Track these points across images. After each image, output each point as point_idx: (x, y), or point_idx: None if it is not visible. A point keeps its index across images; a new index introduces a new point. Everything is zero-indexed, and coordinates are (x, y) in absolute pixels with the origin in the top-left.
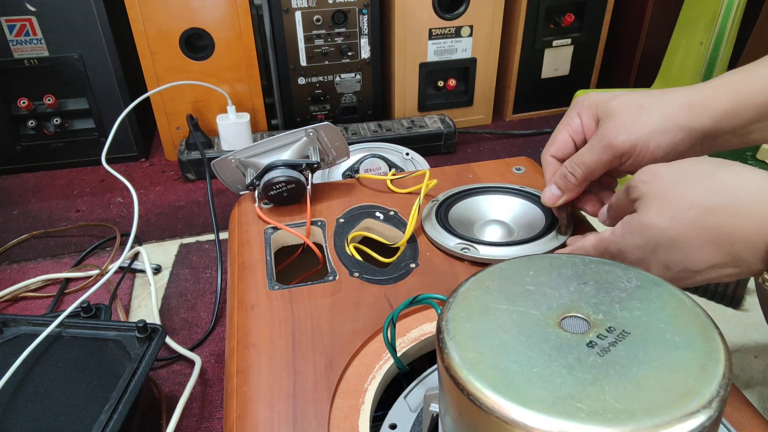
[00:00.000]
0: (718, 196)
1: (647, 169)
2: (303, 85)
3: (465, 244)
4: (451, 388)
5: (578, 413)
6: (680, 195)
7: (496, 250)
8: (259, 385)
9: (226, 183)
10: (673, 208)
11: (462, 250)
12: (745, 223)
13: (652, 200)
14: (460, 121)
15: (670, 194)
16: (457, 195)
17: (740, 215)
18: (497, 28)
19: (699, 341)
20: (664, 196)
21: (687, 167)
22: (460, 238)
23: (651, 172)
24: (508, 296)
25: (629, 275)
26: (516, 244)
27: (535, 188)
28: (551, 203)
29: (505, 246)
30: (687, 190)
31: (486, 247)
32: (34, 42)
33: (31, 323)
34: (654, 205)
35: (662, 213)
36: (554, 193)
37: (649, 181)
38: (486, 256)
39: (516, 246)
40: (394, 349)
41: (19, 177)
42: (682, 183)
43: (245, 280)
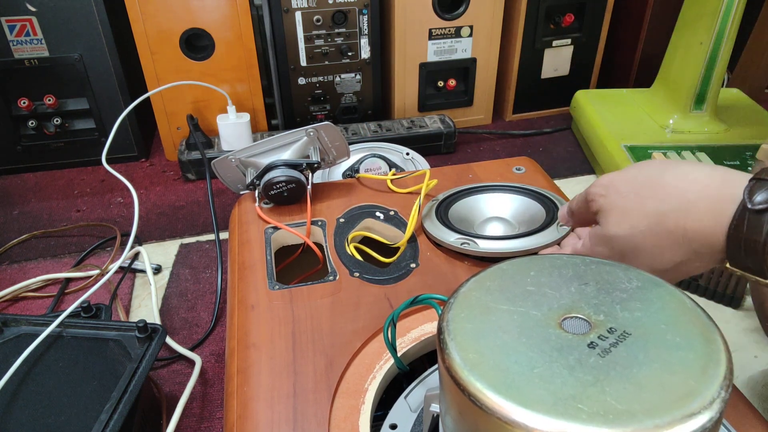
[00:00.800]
0: (669, 201)
1: (602, 181)
2: (303, 85)
3: (465, 239)
4: (451, 389)
5: (579, 414)
6: (634, 205)
7: (496, 244)
8: (260, 385)
9: (227, 183)
10: (630, 218)
11: (462, 245)
12: (696, 223)
13: (610, 212)
14: (460, 121)
15: (626, 205)
16: (457, 194)
17: (690, 216)
18: (497, 28)
19: (700, 342)
20: (621, 207)
21: (637, 173)
22: (459, 233)
23: (605, 184)
24: (508, 297)
25: (630, 276)
26: (515, 238)
27: (535, 186)
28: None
29: (505, 240)
30: (640, 199)
31: (486, 241)
32: (35, 42)
33: (32, 323)
34: (612, 217)
35: (621, 224)
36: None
37: (605, 193)
38: (486, 250)
39: (515, 240)
40: (394, 349)
41: (20, 177)
42: (635, 192)
43: (245, 280)
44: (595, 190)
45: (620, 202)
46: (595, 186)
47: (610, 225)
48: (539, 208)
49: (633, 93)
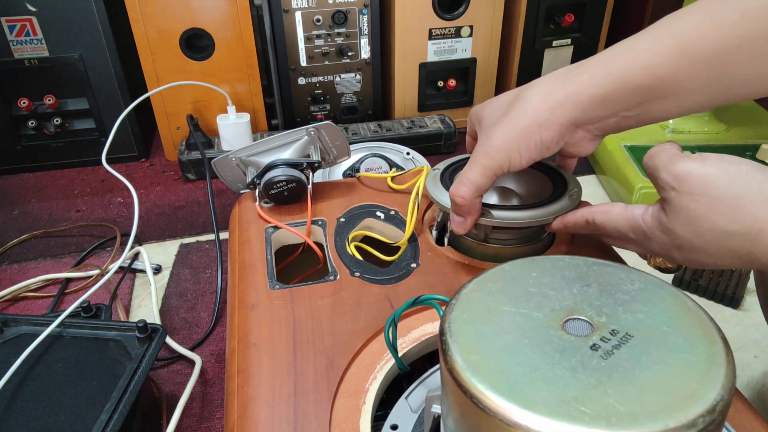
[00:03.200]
0: (740, 223)
1: (677, 171)
2: (303, 85)
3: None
4: (453, 390)
5: (582, 416)
6: (704, 214)
7: (511, 213)
8: (260, 385)
9: (227, 182)
10: (697, 226)
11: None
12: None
13: (679, 211)
14: (460, 121)
15: (696, 211)
16: (459, 162)
17: (759, 243)
18: (497, 28)
19: (702, 344)
20: (691, 211)
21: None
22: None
23: (680, 177)
24: (510, 298)
25: (632, 277)
26: (530, 208)
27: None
28: (463, 231)
29: (520, 210)
30: (711, 212)
31: (500, 211)
32: (35, 42)
33: (32, 323)
34: (680, 216)
35: (687, 226)
36: (458, 221)
37: (677, 188)
38: (502, 219)
39: (530, 210)
40: (395, 349)
41: (20, 177)
42: (707, 203)
43: (246, 280)
44: (667, 179)
45: (691, 204)
46: (668, 172)
47: (677, 223)
48: (545, 179)
49: None
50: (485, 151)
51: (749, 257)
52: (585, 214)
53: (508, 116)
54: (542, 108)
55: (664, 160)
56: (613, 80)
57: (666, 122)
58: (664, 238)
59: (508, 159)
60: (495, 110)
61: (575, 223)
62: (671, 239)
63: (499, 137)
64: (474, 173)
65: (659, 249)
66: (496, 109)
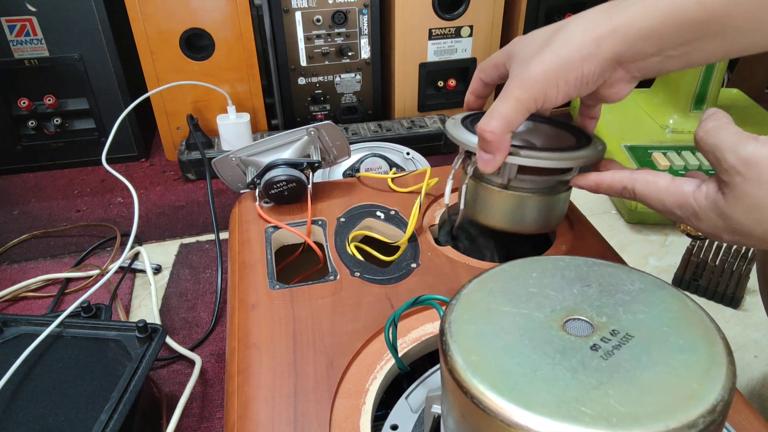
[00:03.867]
0: None
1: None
2: (303, 85)
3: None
4: (453, 391)
5: (582, 417)
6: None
7: (540, 154)
8: (260, 385)
9: (227, 182)
10: (760, 215)
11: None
12: None
13: (742, 198)
14: None
15: (762, 198)
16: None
17: None
18: (497, 28)
19: (702, 345)
20: (756, 197)
21: None
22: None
23: (746, 160)
24: (511, 298)
25: (632, 278)
26: (559, 151)
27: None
28: (492, 169)
29: (549, 151)
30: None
31: (528, 150)
32: (35, 42)
33: (32, 323)
34: (743, 203)
35: (749, 214)
36: (486, 158)
37: (744, 173)
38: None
39: (560, 152)
40: (395, 349)
41: (20, 177)
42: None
43: (246, 280)
44: (733, 162)
45: (756, 191)
46: (733, 154)
47: (737, 209)
48: (567, 135)
49: (633, 93)
50: (521, 82)
51: None
52: (624, 180)
53: (549, 47)
54: (587, 39)
55: (729, 140)
56: (663, 14)
57: (666, 122)
58: (719, 222)
59: (544, 92)
60: (531, 43)
61: (610, 185)
62: (726, 223)
63: (538, 67)
64: (506, 106)
65: (707, 228)
66: (532, 43)
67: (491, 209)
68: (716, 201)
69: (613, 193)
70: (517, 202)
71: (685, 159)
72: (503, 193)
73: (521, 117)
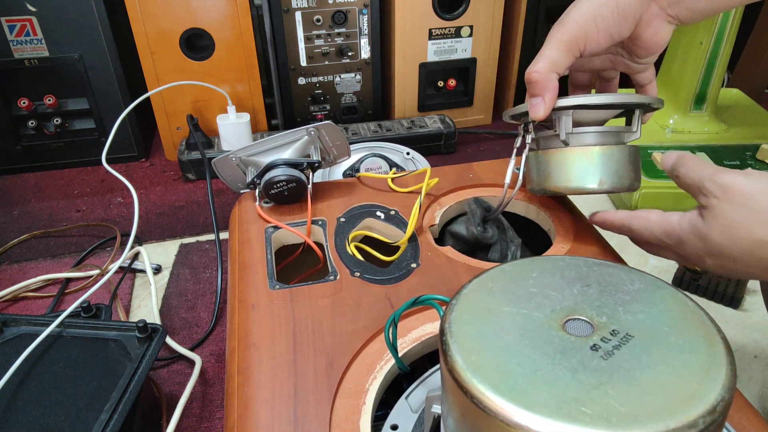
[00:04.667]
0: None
1: (721, 181)
2: (303, 85)
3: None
4: (453, 391)
5: (582, 417)
6: (743, 223)
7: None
8: (260, 385)
9: (227, 182)
10: (734, 234)
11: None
12: None
13: (718, 218)
14: (460, 121)
15: (735, 219)
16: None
17: None
18: (497, 28)
19: (703, 345)
20: (730, 219)
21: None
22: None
23: (723, 186)
24: (511, 298)
25: (632, 278)
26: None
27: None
28: (543, 114)
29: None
30: (751, 221)
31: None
32: (35, 42)
33: (32, 323)
34: (718, 224)
35: (724, 234)
36: (535, 102)
37: (720, 197)
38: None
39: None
40: (395, 349)
41: (20, 177)
42: (749, 212)
43: (246, 280)
44: (712, 188)
45: (731, 213)
46: (711, 181)
47: (714, 230)
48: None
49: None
50: (561, 26)
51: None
52: (623, 219)
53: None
54: None
55: (708, 171)
56: None
57: (666, 122)
58: (699, 244)
59: (584, 31)
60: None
61: (612, 223)
62: (705, 245)
63: (575, 11)
64: (549, 48)
65: (692, 254)
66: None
67: (555, 172)
68: (696, 224)
69: (616, 230)
70: (579, 157)
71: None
72: (564, 154)
73: (565, 58)
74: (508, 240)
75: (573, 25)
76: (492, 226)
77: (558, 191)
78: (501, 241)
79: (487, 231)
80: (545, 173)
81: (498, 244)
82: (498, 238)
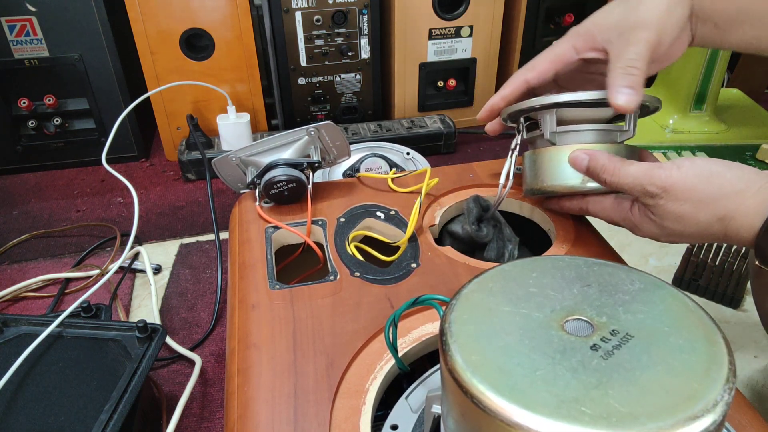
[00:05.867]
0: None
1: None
2: (303, 85)
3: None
4: (453, 391)
5: (582, 417)
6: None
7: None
8: (260, 385)
9: (227, 182)
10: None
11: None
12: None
13: (668, 213)
14: (460, 121)
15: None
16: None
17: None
18: (497, 28)
19: (702, 345)
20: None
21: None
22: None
23: (663, 187)
24: (511, 298)
25: (632, 278)
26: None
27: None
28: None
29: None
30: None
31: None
32: (35, 42)
33: (32, 323)
34: (670, 216)
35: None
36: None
37: (663, 197)
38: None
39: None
40: (395, 349)
41: (20, 177)
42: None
43: (246, 280)
44: (652, 190)
45: (677, 208)
46: (651, 185)
47: (665, 221)
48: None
49: None
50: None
51: (723, 237)
52: (580, 203)
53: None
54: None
55: (641, 173)
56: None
57: (666, 122)
58: (653, 228)
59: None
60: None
61: (570, 208)
62: (659, 229)
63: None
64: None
65: (646, 234)
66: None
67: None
68: (648, 215)
69: (576, 212)
70: (561, 155)
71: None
72: (550, 150)
73: (649, 59)
74: (505, 239)
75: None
76: (488, 225)
77: (546, 191)
78: (497, 239)
79: (482, 230)
80: (534, 173)
81: (494, 243)
82: (493, 237)
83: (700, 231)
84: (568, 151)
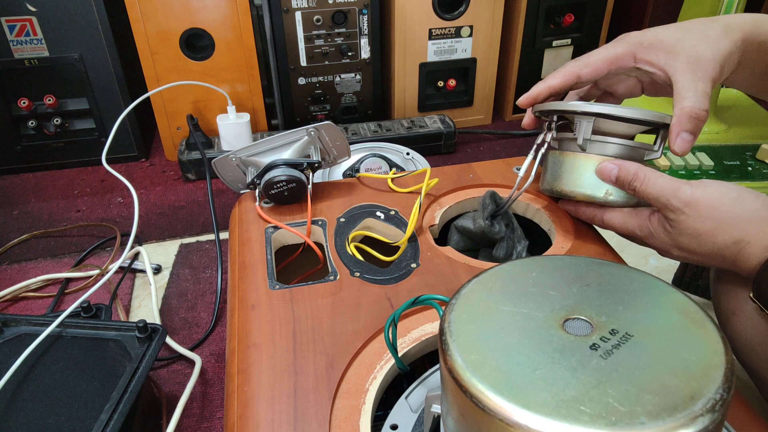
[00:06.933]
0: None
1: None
2: (303, 85)
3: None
4: (453, 390)
5: (581, 416)
6: (708, 232)
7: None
8: (260, 384)
9: (227, 182)
10: (700, 241)
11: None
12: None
13: (686, 229)
14: (460, 121)
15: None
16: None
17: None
18: (497, 28)
19: (701, 344)
20: (696, 230)
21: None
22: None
23: (687, 201)
24: (510, 298)
25: (632, 277)
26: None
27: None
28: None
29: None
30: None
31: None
32: (35, 42)
33: (32, 323)
34: (687, 233)
35: (691, 238)
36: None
37: (685, 212)
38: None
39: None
40: (395, 349)
41: (20, 177)
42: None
43: (246, 280)
44: (675, 204)
45: (697, 225)
46: (675, 198)
47: (682, 236)
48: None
49: None
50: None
51: (732, 262)
52: (597, 212)
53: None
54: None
55: (669, 186)
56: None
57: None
58: (668, 240)
59: (722, 72)
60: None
61: (585, 213)
62: (674, 242)
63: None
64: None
65: (660, 246)
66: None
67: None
68: (665, 227)
69: (588, 220)
70: (590, 164)
71: (685, 159)
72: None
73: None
74: (516, 239)
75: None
76: (500, 222)
77: (564, 194)
78: (508, 238)
79: (495, 226)
80: (557, 174)
81: (504, 242)
82: (505, 235)
83: (713, 252)
84: (596, 161)
